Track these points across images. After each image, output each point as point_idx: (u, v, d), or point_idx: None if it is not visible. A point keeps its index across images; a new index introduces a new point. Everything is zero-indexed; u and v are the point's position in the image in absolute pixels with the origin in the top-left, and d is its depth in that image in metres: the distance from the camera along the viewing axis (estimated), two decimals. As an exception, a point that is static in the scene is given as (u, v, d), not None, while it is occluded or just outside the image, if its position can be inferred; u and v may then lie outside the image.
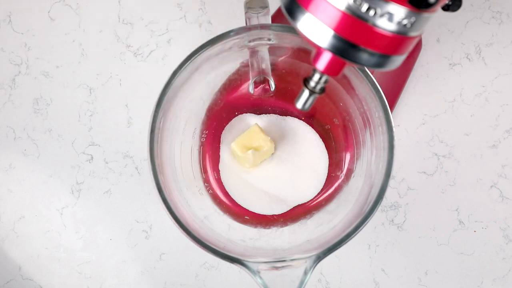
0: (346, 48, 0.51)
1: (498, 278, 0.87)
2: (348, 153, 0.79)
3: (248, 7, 0.70)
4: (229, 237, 0.75)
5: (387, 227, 0.88)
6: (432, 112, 0.88)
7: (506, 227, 0.87)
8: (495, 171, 0.88)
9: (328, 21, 0.51)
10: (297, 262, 0.67)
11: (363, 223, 0.67)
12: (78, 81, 0.90)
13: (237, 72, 0.78)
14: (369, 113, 0.72)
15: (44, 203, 0.89)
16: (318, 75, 0.55)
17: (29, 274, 0.89)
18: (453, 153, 0.88)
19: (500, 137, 0.88)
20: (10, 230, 0.89)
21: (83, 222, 0.89)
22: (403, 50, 0.53)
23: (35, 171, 0.89)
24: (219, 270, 0.88)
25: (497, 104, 0.88)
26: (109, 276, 0.89)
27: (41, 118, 0.89)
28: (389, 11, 0.50)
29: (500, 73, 0.89)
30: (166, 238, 0.88)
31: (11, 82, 0.90)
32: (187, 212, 0.72)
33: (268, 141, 0.77)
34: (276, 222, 0.79)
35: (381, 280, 0.87)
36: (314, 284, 0.87)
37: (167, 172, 0.72)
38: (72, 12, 0.90)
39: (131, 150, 0.89)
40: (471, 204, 0.88)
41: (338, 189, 0.79)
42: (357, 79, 0.71)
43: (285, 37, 0.71)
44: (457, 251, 0.87)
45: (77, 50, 0.90)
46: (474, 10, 0.89)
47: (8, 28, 0.90)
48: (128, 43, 0.90)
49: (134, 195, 0.89)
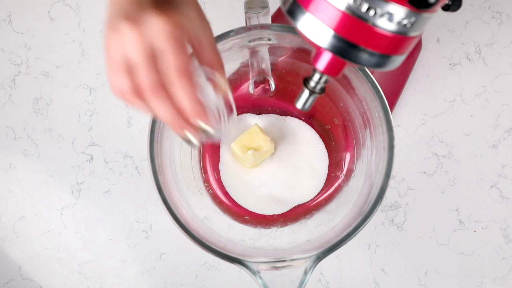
0: (346, 48, 0.51)
1: (498, 278, 0.87)
2: (348, 153, 0.79)
3: (248, 7, 0.70)
4: (229, 237, 0.75)
5: (387, 227, 0.88)
6: (432, 112, 0.88)
7: (506, 227, 0.87)
8: (495, 171, 0.88)
9: (328, 21, 0.51)
10: (297, 262, 0.67)
11: (363, 223, 0.67)
12: (78, 81, 0.90)
13: (237, 72, 0.78)
14: (369, 113, 0.72)
15: (44, 203, 0.89)
16: (318, 75, 0.55)
17: (29, 274, 0.89)
18: (453, 153, 0.88)
19: (500, 137, 0.88)
20: (10, 230, 0.89)
21: (83, 222, 0.89)
22: (403, 50, 0.53)
23: (35, 171, 0.89)
24: (219, 270, 0.88)
25: (497, 104, 0.88)
26: (109, 276, 0.89)
27: (41, 118, 0.89)
28: (389, 11, 0.50)
29: (500, 73, 0.89)
30: (166, 238, 0.88)
31: (11, 82, 0.90)
32: (187, 212, 0.72)
33: (268, 141, 0.77)
34: (276, 222, 0.79)
35: (381, 280, 0.87)
36: (314, 284, 0.87)
37: (167, 172, 0.72)
38: (72, 12, 0.90)
39: (131, 150, 0.89)
40: (471, 204, 0.88)
41: (338, 189, 0.79)
42: (357, 79, 0.71)
43: (285, 37, 0.71)
44: (457, 251, 0.87)
45: (77, 50, 0.90)
46: (474, 10, 0.89)
47: (8, 28, 0.90)
48: (128, 43, 0.90)
49: (134, 195, 0.89)
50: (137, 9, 0.52)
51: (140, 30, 0.52)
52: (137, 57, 0.52)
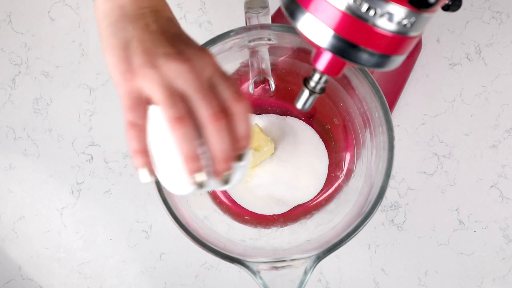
0: (346, 48, 0.51)
1: (498, 278, 0.87)
2: (348, 153, 0.79)
3: (248, 7, 0.70)
4: (229, 237, 0.75)
5: (387, 227, 0.88)
6: (432, 112, 0.88)
7: (506, 227, 0.87)
8: (495, 171, 0.88)
9: (328, 21, 0.51)
10: (297, 262, 0.67)
11: (363, 223, 0.67)
12: (78, 81, 0.90)
13: (237, 72, 0.78)
14: (369, 113, 0.72)
15: (44, 203, 0.89)
16: (318, 75, 0.55)
17: (29, 274, 0.89)
18: (453, 153, 0.88)
19: (500, 137, 0.88)
20: (10, 230, 0.89)
21: (83, 222, 0.89)
22: (403, 50, 0.53)
23: (35, 171, 0.89)
24: (219, 270, 0.88)
25: (497, 104, 0.88)
26: (109, 276, 0.89)
27: (41, 118, 0.89)
28: (389, 11, 0.50)
29: (500, 73, 0.89)
30: (166, 238, 0.88)
31: (11, 82, 0.90)
32: (187, 212, 0.72)
33: (268, 141, 0.77)
34: (276, 222, 0.79)
35: (381, 280, 0.87)
36: (314, 284, 0.87)
37: (167, 172, 0.71)
38: (72, 12, 0.90)
39: (131, 150, 0.89)
40: (471, 204, 0.88)
41: (338, 189, 0.79)
42: (357, 79, 0.70)
43: (285, 37, 0.71)
44: (457, 251, 0.87)
45: (77, 50, 0.90)
46: (474, 10, 0.89)
47: (8, 28, 0.90)
48: (128, 43, 0.90)
49: (134, 195, 0.89)
50: (171, 46, 0.53)
51: (190, 64, 0.52)
52: (193, 88, 0.52)
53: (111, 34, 0.53)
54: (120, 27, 0.53)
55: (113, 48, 0.53)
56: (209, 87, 0.53)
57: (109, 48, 0.53)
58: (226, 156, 0.54)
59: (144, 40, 0.53)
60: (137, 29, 0.53)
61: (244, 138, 0.55)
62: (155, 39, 0.53)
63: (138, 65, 0.52)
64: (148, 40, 0.53)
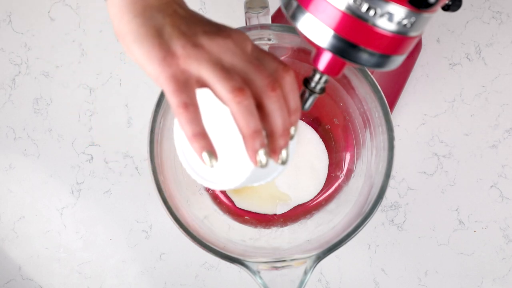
0: (346, 48, 0.51)
1: (498, 278, 0.87)
2: (348, 153, 0.79)
3: (248, 7, 0.70)
4: (229, 237, 0.75)
5: (387, 227, 0.88)
6: (432, 112, 0.88)
7: (506, 227, 0.87)
8: (495, 171, 0.88)
9: (328, 21, 0.51)
10: (297, 262, 0.67)
11: (363, 223, 0.67)
12: (78, 81, 0.90)
13: (237, 72, 0.78)
14: (369, 113, 0.72)
15: (44, 203, 0.89)
16: (318, 75, 0.55)
17: (29, 274, 0.89)
18: (453, 153, 0.88)
19: (500, 137, 0.88)
20: (10, 230, 0.89)
21: (83, 222, 0.89)
22: (403, 50, 0.53)
23: (35, 171, 0.89)
24: (219, 270, 0.88)
25: (497, 104, 0.88)
26: (109, 276, 0.89)
27: (41, 118, 0.89)
28: (389, 11, 0.50)
29: (500, 73, 0.89)
30: (166, 238, 0.88)
31: (11, 82, 0.90)
32: (187, 212, 0.72)
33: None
34: (276, 222, 0.79)
35: (381, 280, 0.87)
36: (314, 284, 0.87)
37: (167, 172, 0.72)
38: (72, 12, 0.90)
39: (131, 150, 0.89)
40: (471, 204, 0.88)
41: (338, 189, 0.79)
42: (357, 79, 0.70)
43: (285, 37, 0.71)
44: (457, 251, 0.87)
45: (77, 50, 0.90)
46: (474, 10, 0.89)
47: (8, 28, 0.90)
48: (128, 43, 0.90)
49: (134, 195, 0.89)
50: (208, 25, 0.53)
51: (233, 39, 0.52)
52: (244, 60, 0.52)
53: (139, 25, 0.52)
54: (148, 16, 0.52)
55: (144, 38, 0.52)
56: (256, 59, 0.52)
57: (139, 39, 0.52)
58: (285, 129, 0.53)
59: (177, 24, 0.52)
60: (167, 16, 0.52)
61: (296, 110, 0.53)
62: (189, 22, 0.52)
63: (180, 47, 0.51)
64: (182, 24, 0.52)
